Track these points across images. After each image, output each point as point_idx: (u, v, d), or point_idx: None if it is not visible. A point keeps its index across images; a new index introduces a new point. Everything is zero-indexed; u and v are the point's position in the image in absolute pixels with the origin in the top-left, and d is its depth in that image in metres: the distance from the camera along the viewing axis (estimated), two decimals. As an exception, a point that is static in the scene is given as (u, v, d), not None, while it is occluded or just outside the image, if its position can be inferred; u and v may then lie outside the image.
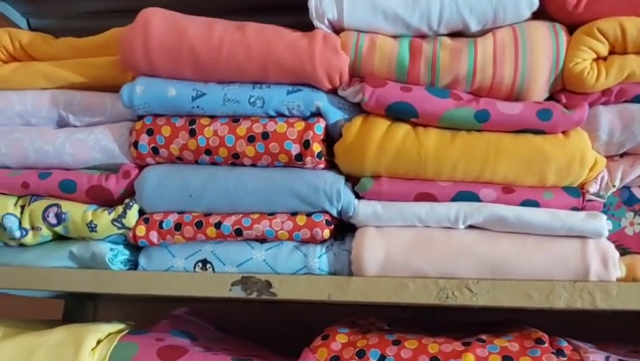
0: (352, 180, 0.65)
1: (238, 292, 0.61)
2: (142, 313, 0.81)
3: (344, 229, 0.66)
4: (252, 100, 0.64)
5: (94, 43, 0.74)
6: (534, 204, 0.59)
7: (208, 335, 0.72)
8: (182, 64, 0.64)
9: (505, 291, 0.55)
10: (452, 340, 0.56)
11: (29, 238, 0.69)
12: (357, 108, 0.65)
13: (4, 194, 0.70)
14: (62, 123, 0.72)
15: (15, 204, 0.69)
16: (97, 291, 0.64)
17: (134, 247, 0.70)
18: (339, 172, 0.65)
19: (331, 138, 0.65)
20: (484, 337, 0.56)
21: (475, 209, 0.59)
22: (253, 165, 0.66)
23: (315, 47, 0.61)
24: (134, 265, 0.69)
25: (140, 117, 0.68)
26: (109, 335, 0.64)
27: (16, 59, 0.76)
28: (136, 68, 0.66)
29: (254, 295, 0.61)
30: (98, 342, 0.62)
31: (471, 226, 0.60)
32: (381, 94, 0.60)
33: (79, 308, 1.05)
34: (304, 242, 0.64)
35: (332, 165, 0.65)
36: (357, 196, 0.64)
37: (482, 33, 0.63)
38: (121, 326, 0.66)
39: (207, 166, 0.67)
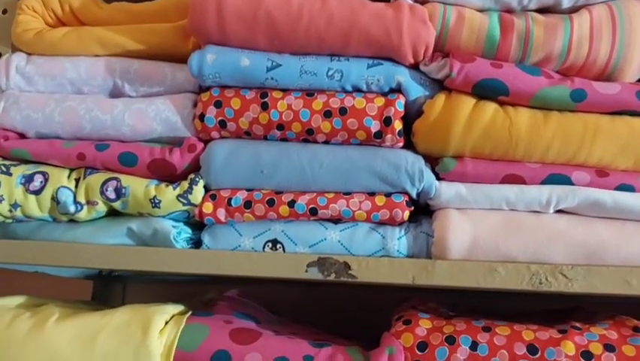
0: (429, 161, 0.62)
1: (314, 274, 0.58)
2: (171, 295, 0.77)
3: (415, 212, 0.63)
4: (330, 73, 0.61)
5: (150, 9, 0.70)
6: (630, 188, 0.57)
7: (267, 318, 0.69)
8: (258, 32, 0.60)
9: (601, 277, 0.53)
10: (546, 327, 0.54)
11: (83, 214, 0.65)
12: (438, 85, 0.62)
13: (56, 166, 0.66)
14: (116, 93, 0.68)
15: (69, 177, 0.65)
16: (164, 270, 0.60)
17: (195, 226, 0.67)
18: (416, 152, 0.62)
19: (407, 115, 0.62)
20: (578, 325, 0.54)
21: (569, 192, 0.56)
22: (326, 142, 0.62)
23: (403, 18, 0.58)
24: (195, 244, 0.66)
25: (204, 89, 0.64)
26: (173, 316, 0.61)
27: (64, 24, 0.71)
28: (206, 34, 0.62)
29: (332, 277, 0.58)
30: (165, 323, 0.59)
31: (559, 211, 0.58)
32: (471, 70, 0.58)
33: (107, 290, 1.02)
34: (381, 224, 0.62)
35: (406, 145, 0.63)
36: (437, 177, 0.61)
37: (573, 10, 0.60)
38: (182, 308, 0.63)
39: (278, 142, 0.63)
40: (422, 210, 0.64)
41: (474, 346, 0.53)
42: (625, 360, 0.50)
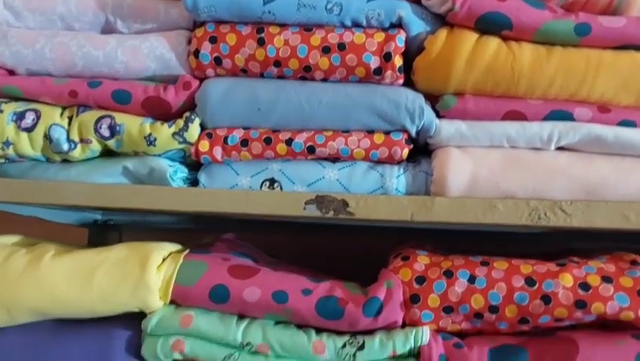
0: (429, 99, 0.61)
1: (313, 211, 0.58)
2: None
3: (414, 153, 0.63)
4: (329, 6, 0.59)
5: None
6: (631, 124, 0.56)
7: (265, 259, 0.69)
8: (254, -38, 0.58)
9: (600, 212, 0.53)
10: (544, 261, 0.54)
11: (77, 152, 0.64)
12: (439, 20, 0.60)
13: (48, 104, 0.64)
14: (108, 30, 0.66)
15: (61, 115, 0.64)
16: (162, 208, 0.59)
17: (191, 166, 0.66)
18: (415, 89, 0.61)
19: (408, 52, 0.61)
20: (575, 259, 0.55)
21: (570, 128, 0.56)
22: (324, 80, 0.61)
23: (405, -52, 0.56)
24: (191, 184, 0.65)
25: (199, 25, 0.63)
26: (170, 253, 0.60)
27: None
28: (201, -34, 0.59)
29: (330, 215, 0.57)
30: (163, 260, 0.59)
31: (560, 149, 0.58)
32: (474, 3, 0.56)
33: (103, 237, 1.01)
34: (380, 162, 0.61)
35: (405, 82, 0.61)
36: (437, 116, 0.60)
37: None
38: (179, 247, 0.63)
39: (275, 79, 0.62)
40: (421, 151, 0.64)
41: (472, 279, 0.54)
42: (622, 291, 0.51)
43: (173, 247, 0.62)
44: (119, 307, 0.56)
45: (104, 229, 1.01)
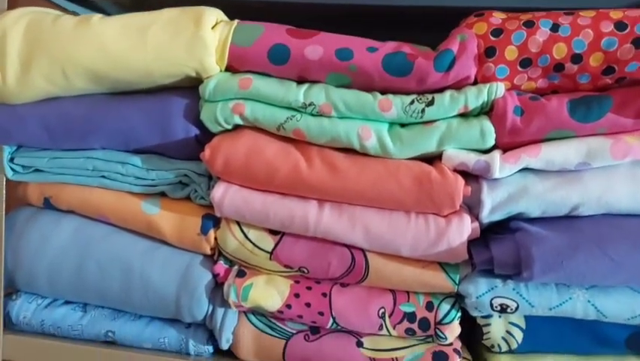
0: None
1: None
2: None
3: None
4: None
5: None
6: None
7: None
8: None
9: None
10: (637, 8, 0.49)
11: None
12: None
13: None
14: None
15: None
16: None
17: None
18: None
19: None
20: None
21: None
22: None
23: None
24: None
25: None
26: (222, 20, 0.57)
27: None
28: None
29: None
30: (217, 23, 0.55)
31: None
32: None
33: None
34: None
35: None
36: None
37: None
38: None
39: None
40: None
41: (555, 27, 0.49)
42: None
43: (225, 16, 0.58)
44: (174, 67, 0.54)
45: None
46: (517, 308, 0.51)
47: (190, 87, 0.57)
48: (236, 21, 0.56)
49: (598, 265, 0.47)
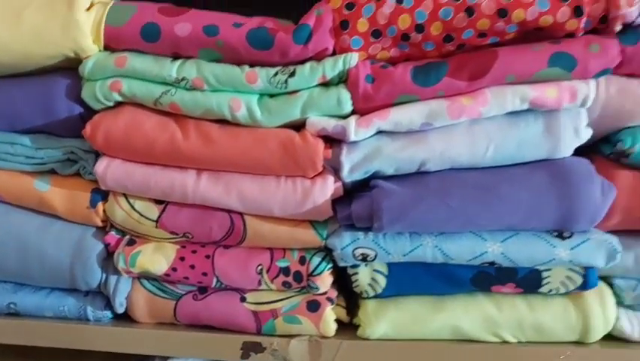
0: None
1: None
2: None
3: None
4: None
5: None
6: None
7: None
8: None
9: None
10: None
11: None
12: None
13: None
14: None
15: None
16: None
17: None
18: None
19: None
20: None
21: None
22: None
23: None
24: None
25: None
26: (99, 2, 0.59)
27: None
28: None
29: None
30: (91, 6, 0.58)
31: None
32: None
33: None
34: None
35: None
36: None
37: None
38: None
39: None
40: None
41: (400, 0, 0.54)
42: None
43: None
44: (52, 49, 0.56)
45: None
46: (375, 256, 0.56)
47: (74, 68, 0.59)
48: (112, 1, 0.58)
49: (438, 213, 0.53)
